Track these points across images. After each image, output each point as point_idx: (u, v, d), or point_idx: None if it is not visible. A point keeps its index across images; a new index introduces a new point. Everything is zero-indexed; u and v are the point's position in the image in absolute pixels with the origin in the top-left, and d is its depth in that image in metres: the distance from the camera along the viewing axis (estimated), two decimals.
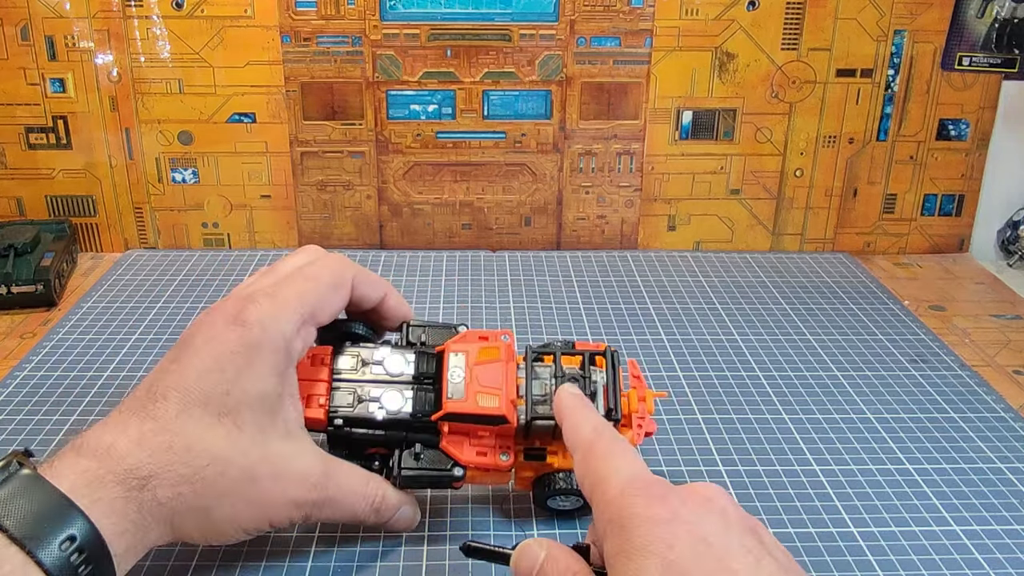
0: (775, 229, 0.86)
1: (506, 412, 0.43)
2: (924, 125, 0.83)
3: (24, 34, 0.77)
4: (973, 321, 0.73)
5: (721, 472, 0.52)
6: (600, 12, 0.78)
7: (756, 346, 0.67)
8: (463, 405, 0.43)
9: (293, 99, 0.80)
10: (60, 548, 0.32)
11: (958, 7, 0.79)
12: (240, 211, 0.83)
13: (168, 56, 0.78)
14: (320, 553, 0.44)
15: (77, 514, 0.33)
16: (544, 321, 0.70)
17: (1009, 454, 0.54)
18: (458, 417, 0.43)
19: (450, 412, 0.43)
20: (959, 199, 0.86)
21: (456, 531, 0.46)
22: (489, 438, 0.43)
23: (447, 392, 0.43)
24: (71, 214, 0.83)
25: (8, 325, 0.69)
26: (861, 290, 0.77)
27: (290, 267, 0.44)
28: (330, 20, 0.77)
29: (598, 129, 0.82)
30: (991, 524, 0.48)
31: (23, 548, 0.31)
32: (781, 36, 0.80)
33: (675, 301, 0.74)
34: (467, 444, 0.43)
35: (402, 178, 0.82)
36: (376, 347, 0.46)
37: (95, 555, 0.33)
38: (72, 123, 0.80)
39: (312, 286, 0.42)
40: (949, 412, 0.58)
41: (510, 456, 0.43)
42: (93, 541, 0.33)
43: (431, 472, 0.43)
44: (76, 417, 0.56)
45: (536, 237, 0.85)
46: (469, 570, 0.43)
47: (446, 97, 0.80)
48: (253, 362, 0.39)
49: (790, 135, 0.83)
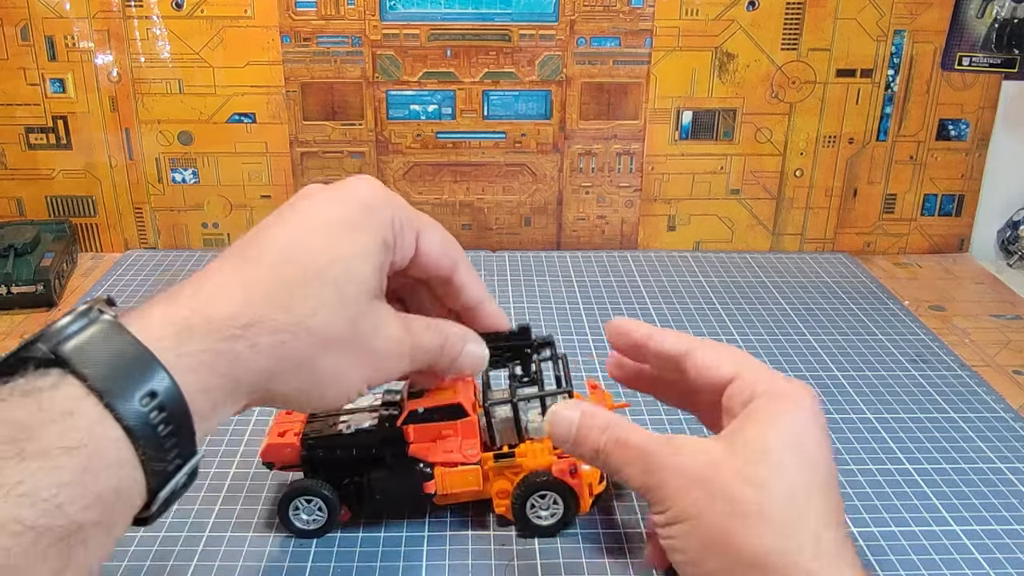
0: (775, 229, 0.86)
1: (463, 402, 0.44)
2: (924, 125, 0.83)
3: (24, 34, 0.77)
4: (973, 321, 0.73)
5: None
6: (600, 12, 0.78)
7: (756, 346, 0.67)
8: (422, 402, 0.44)
9: (293, 99, 0.80)
10: (140, 403, 0.29)
11: (958, 7, 0.79)
12: (240, 211, 0.83)
13: (168, 56, 0.78)
14: (320, 553, 0.44)
15: (158, 368, 0.30)
16: (544, 321, 0.70)
17: (1009, 454, 0.54)
18: (420, 416, 0.44)
19: (411, 410, 0.44)
20: (959, 199, 0.86)
21: (456, 531, 0.46)
22: (454, 437, 0.45)
23: (406, 399, 0.45)
24: (71, 214, 0.83)
25: (8, 325, 0.69)
26: (861, 290, 0.77)
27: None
28: (330, 20, 0.77)
29: (598, 129, 0.82)
30: (991, 524, 0.48)
31: (101, 399, 0.28)
32: (781, 36, 0.80)
33: (675, 301, 0.74)
34: (434, 446, 0.45)
35: (402, 178, 0.82)
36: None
37: (176, 413, 0.30)
38: (72, 123, 0.80)
39: (423, 215, 0.41)
40: (949, 412, 0.58)
41: (476, 450, 0.45)
42: (175, 398, 0.30)
43: (400, 474, 0.44)
44: None
45: (536, 237, 0.85)
46: (469, 570, 0.43)
47: (446, 97, 0.80)
48: (360, 224, 0.37)
49: (790, 135, 0.83)
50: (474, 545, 0.45)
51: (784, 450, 0.34)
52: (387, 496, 0.45)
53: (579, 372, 0.62)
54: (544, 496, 0.45)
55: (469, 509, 0.47)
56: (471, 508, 0.48)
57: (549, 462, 0.44)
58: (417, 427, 0.44)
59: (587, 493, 0.45)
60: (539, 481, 0.44)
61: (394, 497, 0.45)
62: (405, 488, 0.45)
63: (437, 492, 0.45)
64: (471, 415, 0.45)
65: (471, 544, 0.45)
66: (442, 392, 0.45)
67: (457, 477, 0.45)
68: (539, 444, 0.45)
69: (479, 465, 0.45)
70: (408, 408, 0.44)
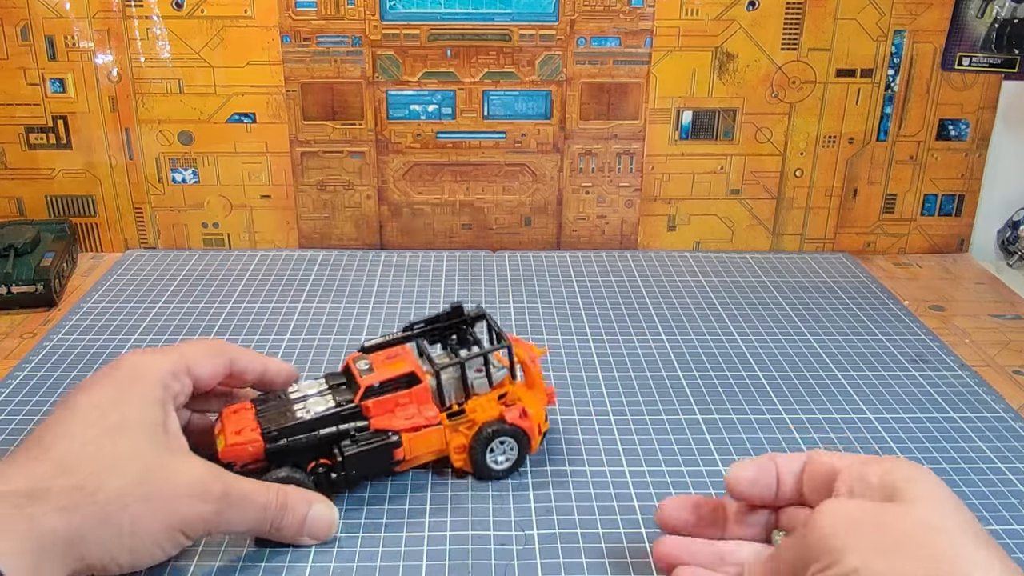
0: (775, 229, 0.86)
1: (415, 370, 0.48)
2: (924, 125, 0.83)
3: (24, 34, 0.77)
4: (973, 321, 0.73)
5: (721, 472, 0.52)
6: (600, 12, 0.78)
7: (756, 346, 0.67)
8: (376, 376, 0.48)
9: (293, 99, 0.80)
10: None
11: (958, 7, 0.79)
12: (240, 211, 0.83)
13: (168, 56, 0.78)
14: (320, 553, 0.44)
15: None
16: (544, 321, 0.70)
17: (1009, 454, 0.54)
18: (376, 390, 0.47)
19: (368, 386, 0.47)
20: (959, 199, 0.86)
21: (456, 531, 0.46)
22: (411, 404, 0.48)
23: (359, 378, 0.48)
24: (71, 214, 0.83)
25: (8, 325, 0.69)
26: (861, 290, 0.77)
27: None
28: (330, 20, 0.77)
29: (598, 129, 0.82)
30: (991, 524, 0.48)
31: None
32: (781, 36, 0.80)
33: (675, 301, 0.74)
34: (394, 416, 0.48)
35: (402, 178, 0.83)
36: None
37: None
38: (72, 123, 0.80)
39: (186, 347, 0.47)
40: (949, 412, 0.58)
41: (434, 412, 0.48)
42: None
43: (371, 445, 0.47)
44: None
45: (536, 237, 0.85)
46: (469, 570, 0.43)
47: (446, 97, 0.80)
48: (126, 395, 0.41)
49: (790, 135, 0.83)
50: (474, 545, 0.45)
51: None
52: (359, 470, 0.47)
53: (579, 372, 0.62)
54: (503, 442, 0.49)
55: (469, 510, 0.48)
56: (471, 508, 0.48)
57: (499, 411, 0.49)
58: (376, 401, 0.48)
59: (537, 432, 0.50)
60: (493, 430, 0.49)
61: (365, 470, 0.48)
62: (375, 459, 0.47)
63: (405, 457, 0.48)
64: (423, 381, 0.49)
65: (471, 544, 0.45)
66: (392, 364, 0.49)
67: (422, 440, 0.48)
68: (484, 398, 0.50)
69: (440, 425, 0.49)
70: (364, 385, 0.47)
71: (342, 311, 0.71)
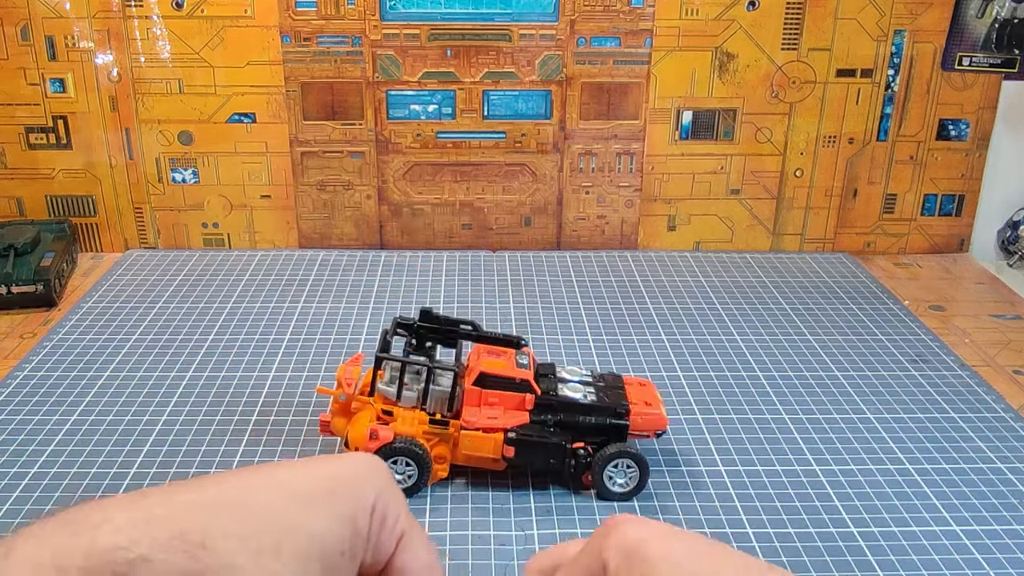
0: (775, 229, 0.86)
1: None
2: (924, 125, 0.83)
3: (24, 34, 0.77)
4: (973, 321, 0.73)
5: (721, 472, 0.52)
6: (600, 12, 0.78)
7: (756, 346, 0.67)
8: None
9: (293, 99, 0.80)
10: None
11: (958, 7, 0.79)
12: (240, 211, 0.83)
13: (168, 56, 0.78)
14: None
15: None
16: (544, 321, 0.70)
17: (1009, 454, 0.54)
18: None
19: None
20: (959, 199, 0.86)
21: (456, 531, 0.46)
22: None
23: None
24: (71, 214, 0.83)
25: (8, 325, 0.69)
26: (861, 290, 0.77)
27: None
28: (330, 20, 0.77)
29: (598, 129, 0.82)
30: (991, 524, 0.48)
31: None
32: (781, 36, 0.80)
33: (675, 301, 0.74)
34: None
35: (402, 178, 0.82)
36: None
37: None
38: (72, 123, 0.80)
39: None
40: (949, 412, 0.58)
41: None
42: None
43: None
44: (76, 417, 0.56)
45: (536, 237, 0.85)
46: (469, 570, 0.43)
47: (446, 97, 0.80)
48: (316, 512, 0.27)
49: (790, 135, 0.83)
50: (474, 545, 0.45)
51: None
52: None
53: None
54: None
55: (469, 510, 0.48)
56: (471, 508, 0.48)
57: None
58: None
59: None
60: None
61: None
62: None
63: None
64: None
65: (471, 544, 0.45)
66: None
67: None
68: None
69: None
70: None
71: (342, 311, 0.71)
